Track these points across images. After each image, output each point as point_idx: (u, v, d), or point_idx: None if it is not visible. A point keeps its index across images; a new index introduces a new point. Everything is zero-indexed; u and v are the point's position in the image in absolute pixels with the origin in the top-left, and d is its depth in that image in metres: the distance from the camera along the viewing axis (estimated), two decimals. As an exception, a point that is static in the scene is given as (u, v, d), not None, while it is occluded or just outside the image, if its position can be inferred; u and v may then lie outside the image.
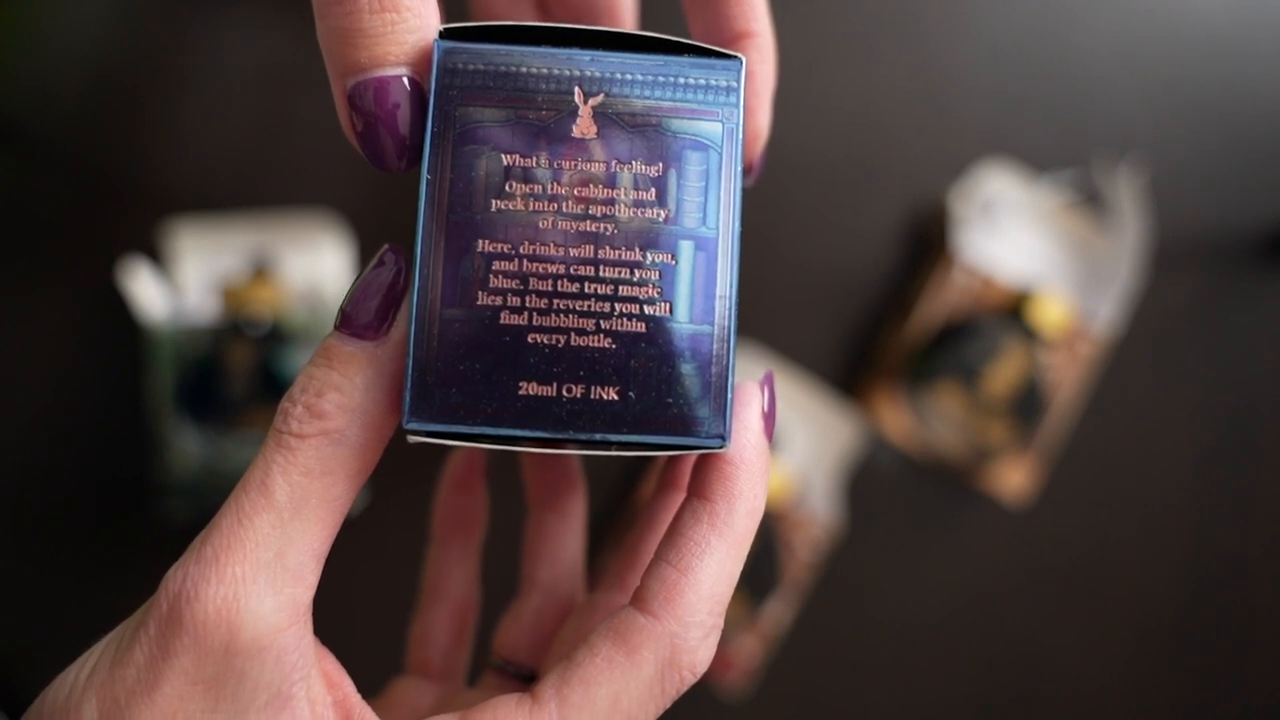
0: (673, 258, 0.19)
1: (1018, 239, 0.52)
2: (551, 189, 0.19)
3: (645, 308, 0.19)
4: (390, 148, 0.19)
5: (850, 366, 0.52)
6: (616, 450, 0.19)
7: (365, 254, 0.50)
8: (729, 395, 0.19)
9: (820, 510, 0.50)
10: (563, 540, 0.26)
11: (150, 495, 0.48)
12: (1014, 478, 0.51)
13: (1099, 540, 0.52)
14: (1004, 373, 0.50)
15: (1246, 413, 0.53)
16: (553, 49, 0.19)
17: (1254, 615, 0.52)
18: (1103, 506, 0.52)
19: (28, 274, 0.49)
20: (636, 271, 0.19)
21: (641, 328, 0.19)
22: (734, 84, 0.19)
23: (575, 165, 0.19)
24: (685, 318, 0.19)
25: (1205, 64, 0.54)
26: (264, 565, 0.18)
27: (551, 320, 0.19)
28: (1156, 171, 0.53)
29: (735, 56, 0.19)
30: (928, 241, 0.52)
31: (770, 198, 0.52)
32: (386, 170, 0.19)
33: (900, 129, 0.52)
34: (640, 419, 0.19)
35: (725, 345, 0.19)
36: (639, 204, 0.19)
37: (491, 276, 0.19)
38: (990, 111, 0.53)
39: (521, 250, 0.19)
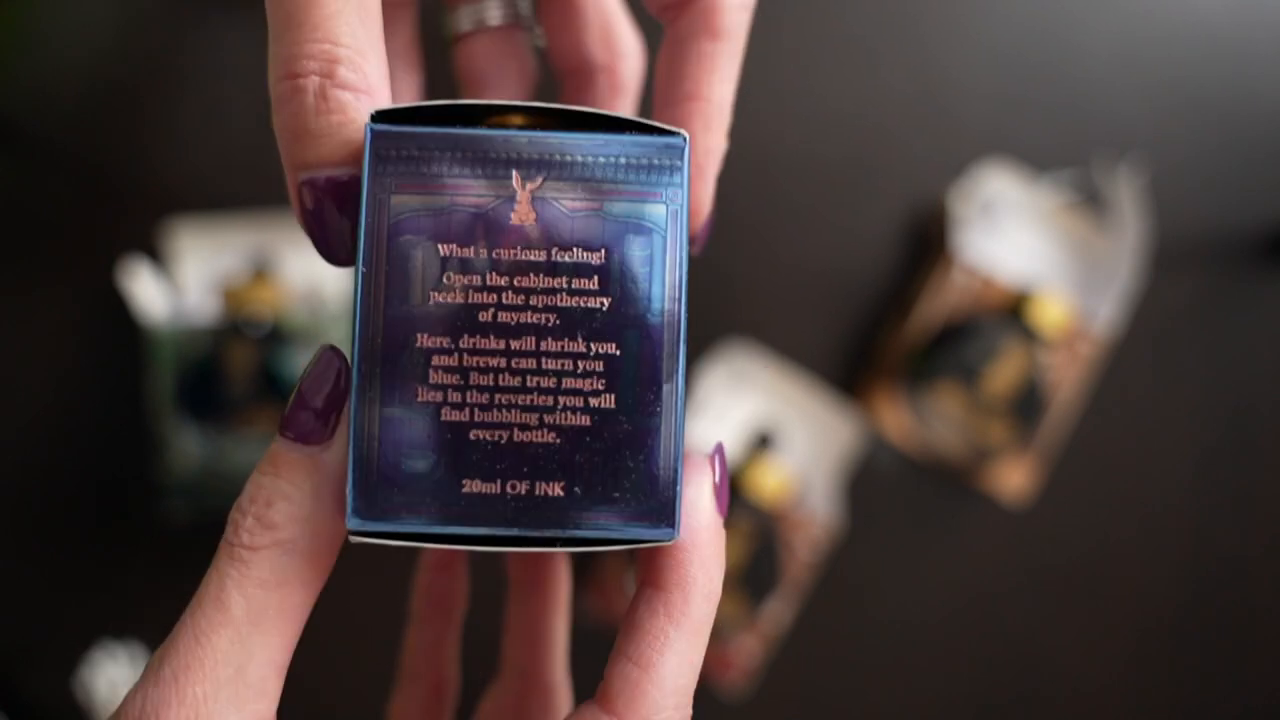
0: (617, 347, 0.18)
1: (1018, 239, 0.52)
2: (490, 279, 0.18)
3: (589, 400, 0.18)
4: (335, 245, 0.19)
5: (850, 366, 0.52)
6: (562, 547, 0.18)
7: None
8: (678, 488, 0.18)
9: (820, 510, 0.50)
10: (542, 621, 0.26)
11: (150, 495, 0.48)
12: (1014, 478, 0.51)
13: (1099, 540, 0.52)
14: (1004, 373, 0.50)
15: (1246, 413, 0.53)
16: (489, 131, 0.18)
17: (1254, 615, 0.52)
18: (1103, 506, 0.52)
19: (28, 274, 0.49)
20: (580, 363, 0.18)
21: (585, 421, 0.18)
22: (678, 163, 0.18)
23: (514, 254, 0.18)
24: (631, 409, 0.18)
25: (1205, 64, 0.54)
26: (225, 683, 0.18)
27: (493, 415, 0.18)
28: (1156, 171, 0.53)
29: (678, 133, 0.19)
30: (928, 241, 0.52)
31: (770, 198, 0.52)
32: (338, 266, 0.19)
33: (900, 130, 0.52)
34: (586, 515, 0.18)
35: (672, 434, 0.18)
36: (580, 292, 0.18)
37: (431, 372, 0.18)
38: (990, 112, 0.53)
39: (461, 344, 0.18)
